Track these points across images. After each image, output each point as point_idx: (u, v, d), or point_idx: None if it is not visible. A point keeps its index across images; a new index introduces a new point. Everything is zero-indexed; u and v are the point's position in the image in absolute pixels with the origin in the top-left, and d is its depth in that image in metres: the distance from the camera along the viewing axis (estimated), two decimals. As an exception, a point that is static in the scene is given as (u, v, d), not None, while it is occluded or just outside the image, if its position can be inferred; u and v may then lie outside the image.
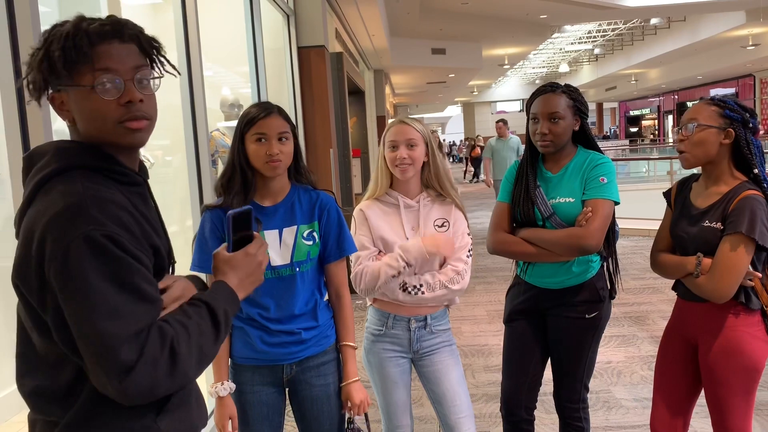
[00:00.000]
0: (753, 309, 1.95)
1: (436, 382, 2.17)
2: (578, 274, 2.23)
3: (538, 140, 2.19)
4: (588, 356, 2.30)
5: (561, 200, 2.17)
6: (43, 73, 1.04)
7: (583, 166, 2.18)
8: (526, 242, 2.18)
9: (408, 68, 16.99)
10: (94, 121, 1.06)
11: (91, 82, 1.04)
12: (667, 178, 9.88)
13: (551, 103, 2.16)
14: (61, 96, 1.06)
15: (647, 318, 5.08)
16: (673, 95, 32.59)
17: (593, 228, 2.06)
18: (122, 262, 0.98)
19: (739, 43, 19.85)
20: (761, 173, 1.95)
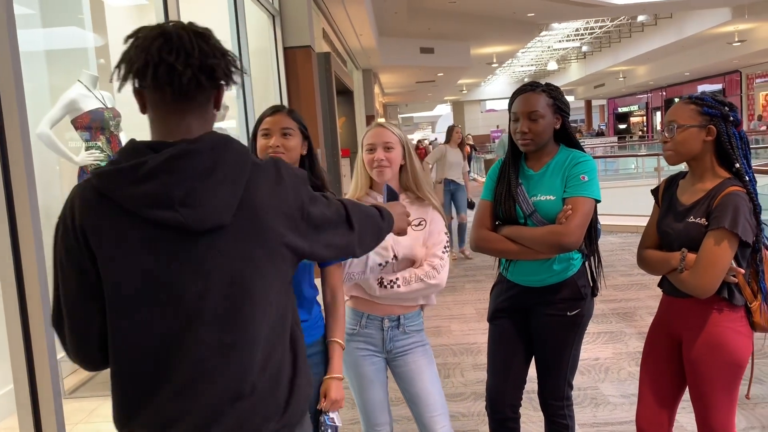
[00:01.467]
0: (736, 305, 1.96)
1: (411, 382, 2.20)
2: (559, 272, 2.23)
3: (518, 139, 2.21)
4: (571, 353, 2.31)
5: (542, 198, 2.18)
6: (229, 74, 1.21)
7: (564, 164, 2.19)
8: (508, 240, 2.20)
9: (397, 68, 17.00)
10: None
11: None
12: (655, 174, 9.93)
13: (530, 102, 2.17)
14: (222, 88, 1.24)
15: (635, 314, 5.10)
16: (661, 92, 32.76)
17: (573, 225, 2.07)
18: None
19: (725, 40, 19.98)
20: (743, 167, 1.96)
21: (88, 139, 3.91)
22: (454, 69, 18.88)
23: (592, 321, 5.17)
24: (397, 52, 15.60)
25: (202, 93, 1.19)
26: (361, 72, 15.09)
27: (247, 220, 1.18)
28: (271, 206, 1.21)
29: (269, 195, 1.21)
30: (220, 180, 1.15)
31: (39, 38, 4.24)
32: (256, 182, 1.20)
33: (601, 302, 5.47)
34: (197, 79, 1.15)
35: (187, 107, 1.18)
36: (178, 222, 1.13)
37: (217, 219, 1.15)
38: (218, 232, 1.16)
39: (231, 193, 1.16)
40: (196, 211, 1.13)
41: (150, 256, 1.15)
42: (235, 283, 1.17)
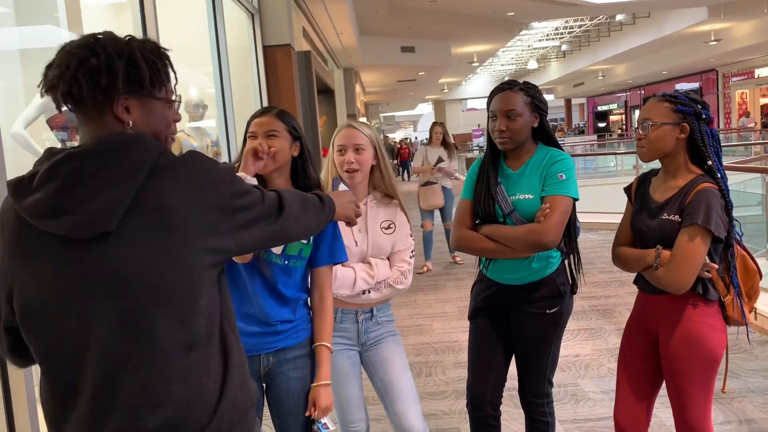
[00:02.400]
0: (711, 300, 1.98)
1: (383, 370, 2.24)
2: (538, 270, 2.25)
3: (496, 137, 2.22)
4: (551, 351, 2.32)
5: (520, 197, 2.19)
6: (110, 80, 1.14)
7: (543, 163, 2.20)
8: (487, 239, 2.21)
9: (378, 66, 17.00)
10: (161, 128, 1.24)
11: (167, 98, 1.25)
12: (633, 172, 10.03)
13: (508, 101, 2.18)
14: (129, 101, 1.17)
15: (614, 311, 5.15)
16: (640, 90, 33.09)
17: (551, 224, 2.09)
18: None
19: (701, 39, 20.24)
20: (715, 164, 1.98)
21: (64, 139, 3.86)
22: (435, 68, 18.93)
23: (572, 318, 5.21)
24: (378, 50, 15.61)
25: (79, 106, 1.15)
26: (342, 71, 15.07)
27: (149, 225, 1.11)
28: (182, 207, 1.14)
29: (180, 196, 1.14)
30: (104, 184, 1.09)
31: (13, 37, 4.17)
32: (163, 183, 1.13)
33: (580, 299, 5.51)
34: (57, 93, 1.15)
35: (80, 119, 1.17)
36: (62, 231, 1.10)
37: (99, 225, 1.09)
38: (107, 239, 1.10)
39: (115, 197, 1.09)
40: (75, 218, 1.08)
41: (45, 268, 1.13)
42: (128, 292, 1.11)
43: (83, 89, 1.12)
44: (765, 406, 3.30)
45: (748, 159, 9.03)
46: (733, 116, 25.68)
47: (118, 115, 1.16)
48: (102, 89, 1.13)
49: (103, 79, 1.13)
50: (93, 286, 1.12)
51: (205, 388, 1.18)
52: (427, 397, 3.72)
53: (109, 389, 1.13)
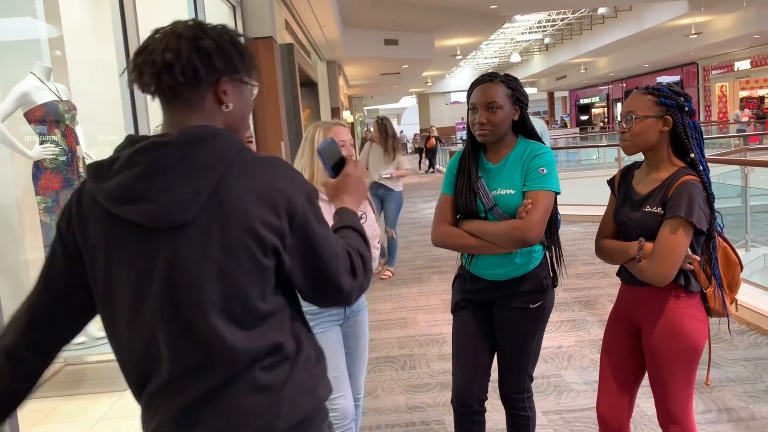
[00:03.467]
0: (692, 291, 2.00)
1: (355, 339, 2.53)
2: (521, 266, 2.24)
3: (477, 130, 2.19)
4: (533, 346, 2.32)
5: (502, 192, 2.17)
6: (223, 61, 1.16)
7: (523, 157, 2.19)
8: (469, 235, 2.19)
9: (361, 59, 16.93)
10: (246, 112, 1.26)
11: (252, 83, 1.25)
12: (615, 164, 10.11)
13: (489, 93, 2.16)
14: (227, 85, 1.18)
15: (597, 302, 5.19)
16: (622, 83, 33.31)
17: (533, 220, 2.08)
18: None
19: (682, 32, 20.40)
20: (698, 157, 2.00)
21: (42, 132, 3.81)
22: (419, 61, 18.89)
23: (555, 309, 5.25)
24: (362, 43, 15.54)
25: (182, 89, 1.14)
26: (325, 64, 15.00)
27: (215, 221, 1.11)
28: (248, 205, 1.12)
29: (248, 193, 1.12)
30: (184, 176, 1.09)
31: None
32: (237, 181, 1.12)
33: (563, 291, 5.55)
34: (161, 77, 1.13)
35: (176, 104, 1.16)
36: (138, 218, 1.10)
37: (176, 216, 1.09)
38: (180, 231, 1.10)
39: (194, 189, 1.09)
40: (153, 207, 1.09)
41: (119, 253, 1.14)
42: (191, 285, 1.11)
43: (199, 70, 1.13)
44: (744, 395, 3.35)
45: (728, 151, 9.13)
46: (713, 109, 25.95)
47: (219, 96, 1.18)
48: (216, 70, 1.15)
49: (216, 60, 1.15)
50: (158, 276, 1.12)
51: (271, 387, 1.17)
52: (412, 389, 3.73)
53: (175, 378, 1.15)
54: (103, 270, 1.15)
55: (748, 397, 3.32)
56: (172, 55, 1.11)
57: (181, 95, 1.15)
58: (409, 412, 3.46)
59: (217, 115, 1.18)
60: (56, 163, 3.80)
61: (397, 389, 3.76)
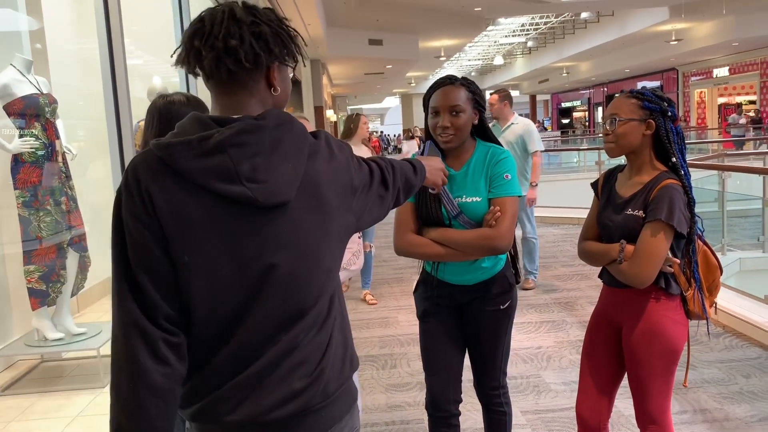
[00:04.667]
0: (673, 294, 2.03)
1: None
2: (489, 269, 2.23)
3: (439, 134, 2.15)
4: (505, 343, 2.33)
5: (468, 199, 2.15)
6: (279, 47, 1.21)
7: (486, 162, 2.17)
8: (435, 243, 2.15)
9: (345, 59, 16.93)
10: (288, 93, 1.30)
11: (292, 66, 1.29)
12: (596, 168, 10.21)
13: (452, 96, 2.13)
14: (275, 69, 1.23)
15: (576, 304, 5.24)
16: (603, 87, 33.64)
17: (504, 228, 2.08)
18: None
19: (663, 38, 20.66)
20: (679, 161, 2.02)
21: (22, 126, 3.76)
22: (403, 61, 18.92)
23: (535, 310, 5.29)
24: (346, 42, 15.53)
25: (241, 74, 1.18)
26: (309, 62, 14.97)
27: (309, 196, 1.21)
28: (329, 182, 1.24)
29: (326, 171, 1.24)
30: (283, 157, 1.17)
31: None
32: (315, 159, 1.23)
33: (543, 292, 5.59)
34: (221, 61, 1.15)
35: (233, 88, 1.20)
36: (246, 197, 1.13)
37: (284, 195, 1.17)
38: (284, 208, 1.18)
39: (293, 169, 1.18)
40: (264, 187, 1.14)
41: (216, 229, 1.15)
42: (307, 254, 1.21)
43: (260, 56, 1.17)
44: (718, 396, 3.40)
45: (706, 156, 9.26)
46: (692, 114, 26.30)
47: (271, 80, 1.23)
48: (275, 55, 1.20)
49: (273, 45, 1.19)
50: (262, 250, 1.17)
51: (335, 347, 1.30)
52: (392, 388, 3.74)
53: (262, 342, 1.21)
54: (201, 244, 1.15)
55: (722, 399, 3.37)
56: (237, 42, 1.15)
57: (238, 79, 1.19)
58: (390, 411, 3.46)
59: (268, 98, 1.23)
60: (35, 156, 3.75)
61: (378, 388, 3.76)
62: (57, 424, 3.21)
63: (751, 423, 3.10)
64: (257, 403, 1.18)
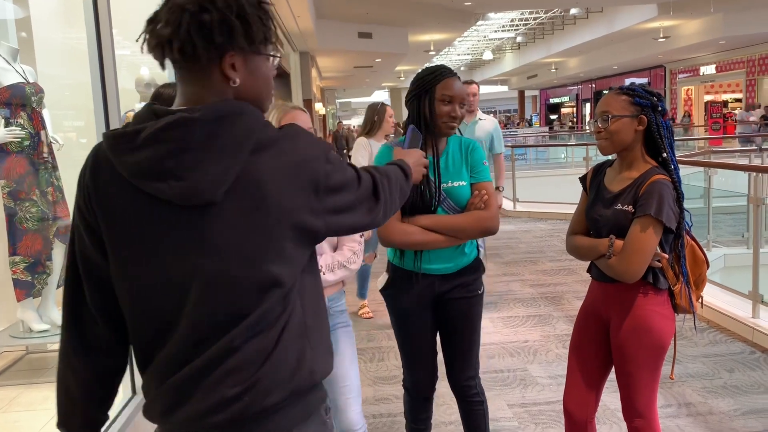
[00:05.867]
0: (661, 288, 2.04)
1: None
2: (469, 254, 2.33)
3: (448, 122, 2.22)
4: (479, 329, 2.42)
5: (453, 184, 2.24)
6: (225, 36, 1.11)
7: (463, 151, 2.30)
8: (427, 230, 2.20)
9: (334, 51, 16.87)
10: (267, 85, 1.22)
11: (269, 53, 1.19)
12: (583, 163, 10.27)
13: (465, 90, 2.26)
14: (234, 59, 1.13)
15: (562, 298, 5.27)
16: (591, 84, 33.78)
17: (494, 210, 2.24)
18: None
19: (651, 35, 20.76)
20: (669, 156, 2.04)
21: (7, 115, 3.71)
22: (392, 55, 18.88)
23: (522, 304, 5.32)
24: (335, 35, 15.47)
25: (187, 64, 1.12)
26: (298, 54, 14.91)
27: (247, 196, 1.10)
28: (278, 180, 1.12)
29: (275, 169, 1.12)
30: (218, 153, 1.08)
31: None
32: (261, 155, 1.12)
33: (530, 286, 5.62)
34: (162, 51, 1.11)
35: (188, 77, 1.14)
36: (167, 195, 1.08)
37: (206, 196, 1.08)
38: (211, 208, 1.09)
39: (224, 168, 1.08)
40: (183, 186, 1.07)
41: (141, 227, 1.12)
42: (240, 256, 1.12)
43: (198, 47, 1.09)
44: (703, 390, 3.44)
45: (693, 153, 9.34)
46: (678, 111, 26.48)
47: (225, 72, 1.13)
48: (216, 46, 1.10)
49: (218, 35, 1.10)
50: (187, 252, 1.11)
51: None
52: (380, 381, 3.75)
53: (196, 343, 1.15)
54: (128, 243, 1.13)
55: (706, 393, 3.41)
56: (171, 30, 1.09)
57: (188, 69, 1.13)
58: (377, 403, 3.47)
59: (226, 91, 1.14)
60: (21, 146, 3.71)
61: (365, 381, 3.77)
62: (42, 415, 3.18)
63: (735, 417, 3.14)
64: (192, 407, 1.14)
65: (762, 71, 22.12)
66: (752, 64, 22.54)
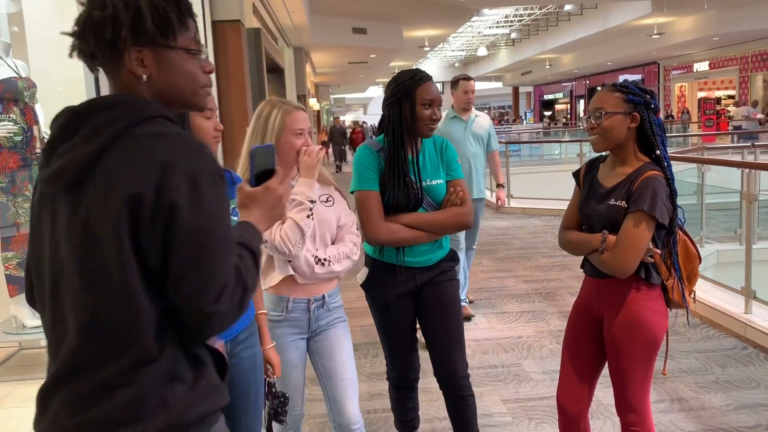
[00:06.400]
0: (653, 284, 2.05)
1: (329, 357, 2.25)
2: (446, 246, 2.47)
3: (429, 124, 2.32)
4: (462, 318, 2.51)
5: (432, 183, 2.35)
6: (125, 32, 1.08)
7: (437, 150, 2.41)
8: (409, 228, 2.30)
9: (329, 47, 16.82)
10: (187, 81, 1.16)
11: (190, 47, 1.15)
12: (577, 159, 10.28)
13: (438, 93, 2.35)
14: (143, 54, 1.11)
15: (556, 294, 5.29)
16: (585, 80, 33.82)
17: (470, 205, 2.38)
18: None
19: (645, 32, 20.80)
20: (663, 153, 2.05)
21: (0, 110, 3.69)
22: (387, 51, 18.85)
23: (515, 300, 5.32)
24: (329, 31, 15.43)
25: (95, 62, 1.13)
26: (292, 50, 14.85)
27: (93, 193, 1.04)
28: (115, 185, 1.02)
29: (119, 171, 1.03)
30: (76, 143, 1.07)
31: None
32: (114, 154, 1.04)
33: (524, 282, 5.63)
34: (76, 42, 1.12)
35: (106, 74, 1.15)
36: (40, 183, 1.13)
37: (57, 183, 1.08)
38: (62, 200, 1.08)
39: (76, 158, 1.05)
40: (49, 170, 1.09)
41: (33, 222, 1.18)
42: (56, 261, 1.09)
43: (91, 44, 1.09)
44: (695, 385, 3.46)
45: (686, 149, 9.37)
46: (672, 108, 26.56)
47: (131, 68, 1.11)
48: (107, 43, 1.09)
49: (107, 32, 1.08)
50: (46, 243, 1.13)
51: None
52: (374, 377, 3.75)
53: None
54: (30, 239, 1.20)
55: (699, 388, 3.43)
56: (72, 31, 1.11)
57: (101, 66, 1.14)
58: (371, 399, 3.48)
59: (138, 87, 1.12)
60: (13, 141, 3.69)
61: (360, 377, 3.75)
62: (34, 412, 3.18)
63: (727, 412, 3.16)
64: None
65: (755, 68, 22.21)
66: (745, 61, 22.62)
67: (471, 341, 4.29)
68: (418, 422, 2.72)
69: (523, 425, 3.12)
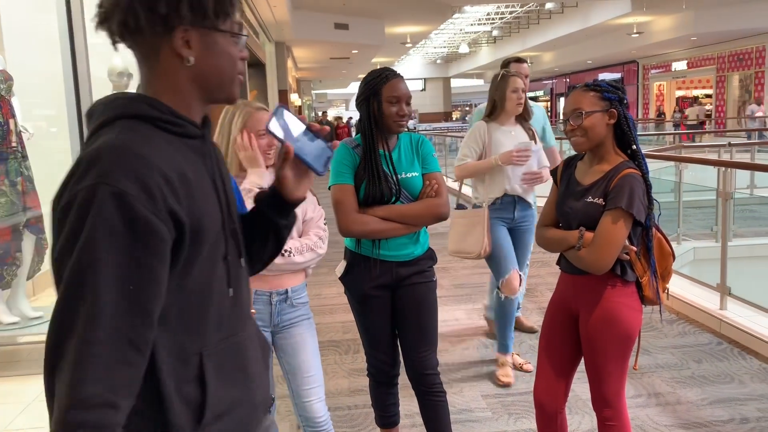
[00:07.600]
0: (628, 281, 2.08)
1: (293, 354, 2.27)
2: (423, 243, 2.47)
3: (398, 120, 2.35)
4: (437, 319, 2.51)
5: (407, 175, 2.39)
6: (172, 7, 1.00)
7: (413, 145, 2.44)
8: (383, 219, 2.32)
9: (311, 42, 16.76)
10: (230, 65, 1.09)
11: (233, 31, 1.08)
12: (557, 157, 10.34)
13: (407, 88, 2.37)
14: (188, 34, 1.03)
15: (535, 290, 5.33)
16: (565, 78, 34.07)
17: (445, 196, 2.41)
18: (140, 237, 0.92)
19: (625, 31, 21.00)
20: (638, 147, 2.08)
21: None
22: (369, 47, 18.83)
23: (497, 297, 5.26)
24: (311, 26, 15.37)
25: (131, 43, 1.04)
26: (273, 45, 14.77)
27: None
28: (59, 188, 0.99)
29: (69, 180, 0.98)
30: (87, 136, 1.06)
31: None
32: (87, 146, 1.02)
33: (505, 279, 5.66)
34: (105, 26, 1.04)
35: (137, 58, 1.07)
36: None
37: None
38: None
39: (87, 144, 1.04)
40: None
41: None
42: None
43: (140, 18, 0.99)
44: (671, 380, 3.52)
45: (664, 148, 9.48)
46: (651, 107, 26.87)
47: (176, 49, 1.03)
48: (161, 18, 1.00)
49: (162, 6, 0.99)
50: None
51: None
52: (355, 373, 3.76)
53: None
54: None
55: (675, 383, 3.49)
56: (111, 4, 1.01)
57: (136, 48, 1.04)
58: (352, 395, 3.49)
59: (178, 72, 1.05)
60: (-11, 135, 3.63)
61: (341, 373, 3.78)
62: (11, 409, 3.14)
63: (702, 406, 3.21)
64: None
65: (731, 68, 22.53)
66: (722, 61, 22.94)
67: (452, 336, 4.31)
68: (398, 418, 2.74)
69: (503, 420, 3.15)
